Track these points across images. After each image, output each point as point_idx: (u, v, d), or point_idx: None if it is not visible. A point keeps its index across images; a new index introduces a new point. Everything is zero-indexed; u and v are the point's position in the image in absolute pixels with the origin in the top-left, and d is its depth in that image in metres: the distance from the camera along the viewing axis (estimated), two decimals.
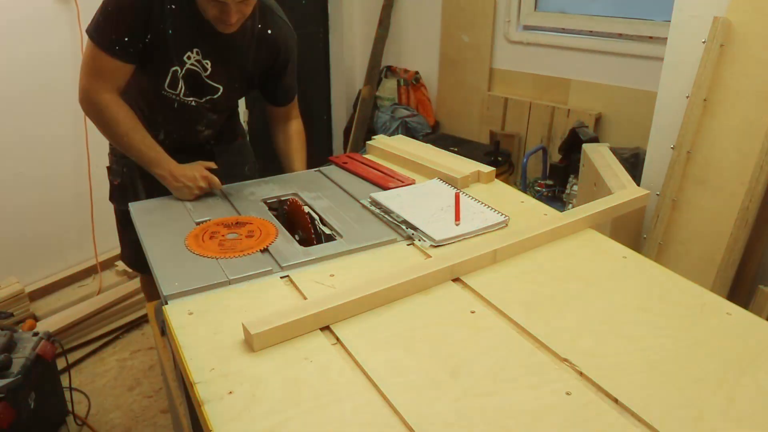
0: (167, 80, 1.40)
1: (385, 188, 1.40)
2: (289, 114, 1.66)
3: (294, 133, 1.66)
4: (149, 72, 1.40)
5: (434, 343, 0.87)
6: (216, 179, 1.39)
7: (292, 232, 1.26)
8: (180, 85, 1.42)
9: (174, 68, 1.39)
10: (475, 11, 3.29)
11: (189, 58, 1.39)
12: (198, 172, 1.38)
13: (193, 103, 1.47)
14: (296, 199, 1.32)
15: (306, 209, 1.28)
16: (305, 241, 1.25)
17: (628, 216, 1.50)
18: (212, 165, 1.43)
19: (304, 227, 1.26)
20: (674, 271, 1.06)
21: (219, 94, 1.47)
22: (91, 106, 1.37)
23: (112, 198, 1.66)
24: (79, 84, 1.36)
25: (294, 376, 0.80)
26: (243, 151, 1.77)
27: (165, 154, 1.40)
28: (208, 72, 1.42)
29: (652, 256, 1.78)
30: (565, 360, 0.83)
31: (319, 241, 1.23)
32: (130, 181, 1.58)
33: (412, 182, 1.43)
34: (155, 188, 1.43)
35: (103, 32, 1.31)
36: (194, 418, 1.09)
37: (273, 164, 1.70)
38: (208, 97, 1.47)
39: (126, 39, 1.30)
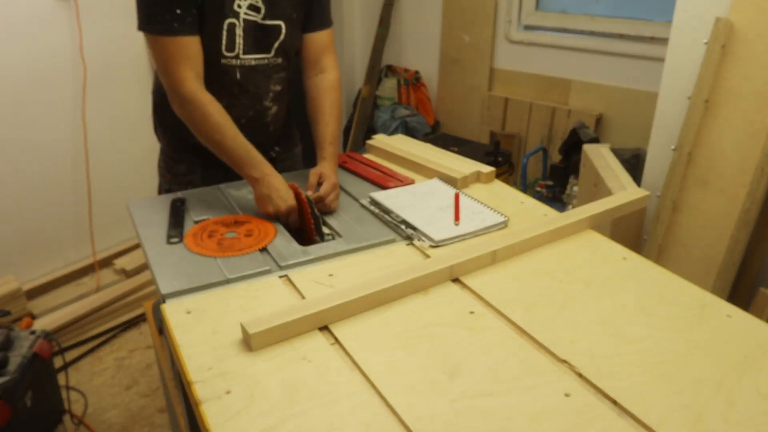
0: (224, 41, 1.31)
1: (384, 188, 1.39)
2: (324, 59, 1.48)
3: (325, 89, 1.47)
4: (204, 38, 1.29)
5: (433, 343, 0.87)
6: (295, 213, 1.26)
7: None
8: (238, 43, 1.32)
9: (229, 20, 1.29)
10: (476, 11, 3.29)
11: (240, 6, 1.29)
12: (290, 193, 1.25)
13: (255, 63, 1.38)
14: (294, 183, 1.29)
15: (304, 194, 1.27)
16: (302, 231, 1.24)
17: (629, 217, 1.50)
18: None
19: (301, 212, 1.25)
20: (674, 272, 1.06)
21: (283, 33, 1.38)
22: (180, 107, 1.28)
23: None
24: (165, 88, 1.29)
25: (292, 375, 0.80)
26: (298, 159, 1.70)
27: (261, 156, 1.29)
28: (263, 12, 1.33)
29: (653, 258, 1.78)
30: (565, 361, 0.83)
31: (317, 225, 1.21)
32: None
33: (412, 182, 1.43)
34: None
35: (153, 17, 1.23)
36: (192, 417, 1.08)
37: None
38: (275, 45, 1.38)
39: (178, 11, 1.22)
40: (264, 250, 1.12)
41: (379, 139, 1.70)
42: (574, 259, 1.11)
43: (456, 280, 1.04)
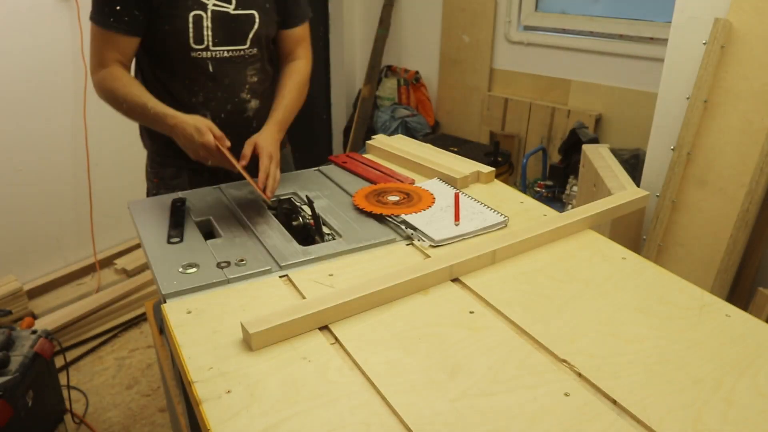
0: (191, 33, 1.32)
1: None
2: (297, 50, 1.51)
3: (288, 74, 1.48)
4: (170, 32, 1.32)
5: (433, 343, 0.87)
6: (220, 134, 1.22)
7: (290, 220, 1.26)
8: (207, 35, 1.33)
9: (194, 13, 1.31)
10: (476, 11, 3.29)
11: None
12: (206, 120, 1.22)
13: (229, 55, 1.38)
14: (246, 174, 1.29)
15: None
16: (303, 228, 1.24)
17: (628, 217, 1.50)
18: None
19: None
20: (674, 272, 1.06)
21: (257, 23, 1.38)
22: (98, 87, 1.33)
23: None
24: (90, 70, 1.35)
25: (292, 375, 0.80)
26: (288, 160, 1.69)
27: (168, 108, 1.26)
28: (234, 2, 1.34)
29: (652, 258, 1.78)
30: (564, 361, 0.83)
31: (318, 225, 1.22)
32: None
33: (412, 182, 1.43)
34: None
35: (96, 7, 1.30)
36: (192, 417, 1.09)
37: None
38: (248, 37, 1.38)
39: (118, 8, 1.27)
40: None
41: (379, 140, 1.71)
42: (574, 259, 1.11)
43: (456, 280, 1.04)
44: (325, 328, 0.91)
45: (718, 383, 0.79)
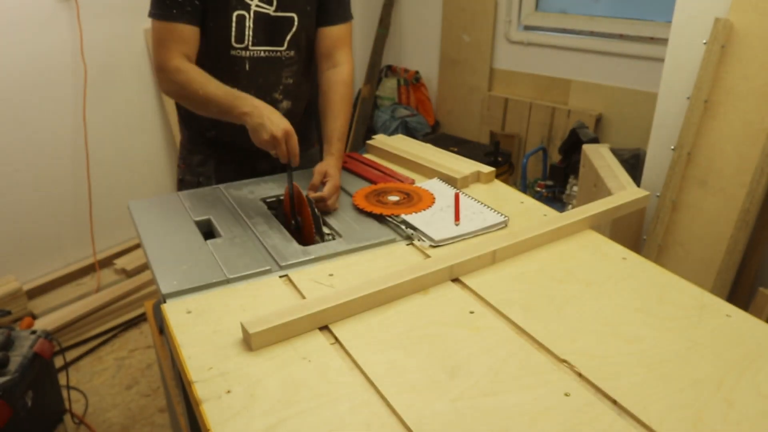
0: (233, 32, 1.34)
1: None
2: (337, 53, 1.49)
3: (336, 82, 1.46)
4: (214, 29, 1.34)
5: (433, 343, 0.87)
6: (295, 145, 1.23)
7: (290, 219, 1.26)
8: (248, 35, 1.36)
9: (238, 12, 1.33)
10: (476, 11, 3.29)
11: None
12: (283, 119, 1.23)
13: (266, 55, 1.40)
14: (295, 183, 1.30)
15: (305, 195, 1.27)
16: (303, 228, 1.24)
17: (628, 217, 1.50)
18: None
19: (301, 211, 1.25)
20: (674, 272, 1.06)
21: (295, 26, 1.40)
22: (165, 81, 1.32)
23: None
24: (155, 71, 1.34)
25: (292, 375, 0.80)
26: (315, 158, 1.66)
27: (247, 94, 1.28)
28: (275, 4, 1.36)
29: (652, 258, 1.78)
30: (564, 361, 0.83)
31: (317, 225, 1.22)
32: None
33: (412, 182, 1.43)
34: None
35: (157, 3, 1.30)
36: (192, 417, 1.08)
37: None
38: (287, 37, 1.39)
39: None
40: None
41: (379, 139, 1.71)
42: (574, 259, 1.11)
43: (456, 280, 1.04)
44: (325, 328, 0.91)
45: (718, 383, 0.79)
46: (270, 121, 1.22)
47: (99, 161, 2.71)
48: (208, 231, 1.24)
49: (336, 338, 0.88)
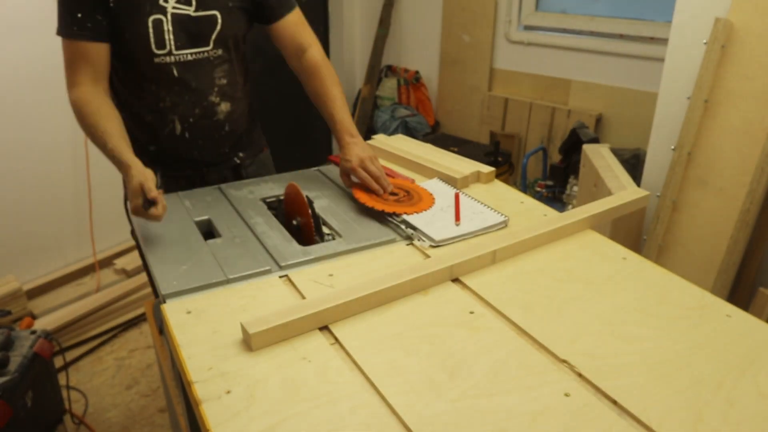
0: (152, 38, 1.29)
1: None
2: (299, 39, 1.44)
3: (315, 65, 1.42)
4: (131, 39, 1.29)
5: (433, 343, 0.87)
6: (157, 201, 1.12)
7: (290, 219, 1.26)
8: (168, 39, 1.30)
9: (154, 17, 1.28)
10: (476, 11, 3.29)
11: (167, 0, 1.28)
12: (138, 180, 1.12)
13: (193, 57, 1.35)
14: (294, 183, 1.30)
15: (304, 194, 1.27)
16: (304, 226, 1.24)
17: (628, 217, 1.50)
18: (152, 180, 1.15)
19: (302, 212, 1.25)
20: (674, 272, 1.06)
21: (219, 24, 1.34)
22: (72, 108, 1.28)
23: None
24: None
25: (292, 375, 0.80)
26: (266, 162, 1.66)
27: (128, 154, 1.19)
28: (194, 4, 1.31)
29: (652, 258, 1.78)
30: (564, 361, 0.83)
31: (317, 225, 1.22)
32: None
33: (412, 181, 1.43)
34: None
35: (61, 20, 1.28)
36: (192, 417, 1.08)
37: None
38: (211, 38, 1.35)
39: (80, 15, 1.25)
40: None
41: (379, 139, 1.71)
42: (574, 259, 1.11)
43: (456, 280, 1.04)
44: (325, 328, 0.90)
45: (718, 383, 0.79)
46: (131, 189, 1.13)
47: (99, 161, 2.69)
48: (208, 231, 1.24)
49: (336, 338, 0.88)
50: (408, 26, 3.65)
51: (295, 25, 1.45)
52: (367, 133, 3.54)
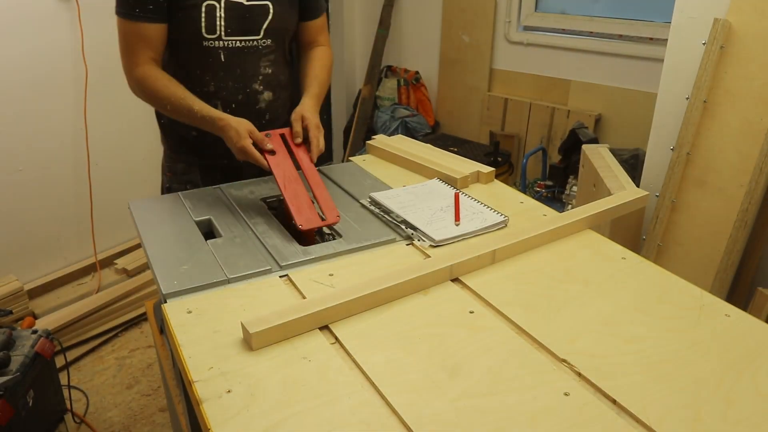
0: (203, 23, 1.33)
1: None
2: (317, 39, 1.55)
3: (316, 56, 1.52)
4: (183, 21, 1.33)
5: (433, 343, 0.87)
6: (255, 158, 1.26)
7: (290, 219, 1.26)
8: (219, 25, 1.35)
9: (208, 3, 1.32)
10: (476, 11, 3.29)
11: None
12: (244, 126, 1.26)
13: (242, 45, 1.39)
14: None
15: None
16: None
17: (628, 217, 1.51)
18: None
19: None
20: (673, 272, 1.06)
21: (271, 14, 1.39)
22: (136, 89, 1.34)
23: None
24: (124, 72, 1.35)
25: (292, 375, 0.80)
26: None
27: (213, 110, 1.31)
28: None
29: (651, 258, 1.78)
30: (564, 360, 0.83)
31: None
32: None
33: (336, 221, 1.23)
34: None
35: (122, 2, 1.30)
36: (192, 416, 1.09)
37: None
38: (262, 28, 1.39)
39: None
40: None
41: (379, 140, 1.71)
42: (574, 259, 1.11)
43: (456, 280, 1.04)
44: (325, 328, 0.91)
45: (717, 383, 0.79)
46: (236, 131, 1.26)
47: (100, 161, 2.71)
48: (208, 231, 1.24)
49: (336, 338, 0.89)
50: (408, 26, 3.65)
51: (319, 28, 1.55)
52: (367, 133, 3.54)
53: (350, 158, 1.68)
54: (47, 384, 1.85)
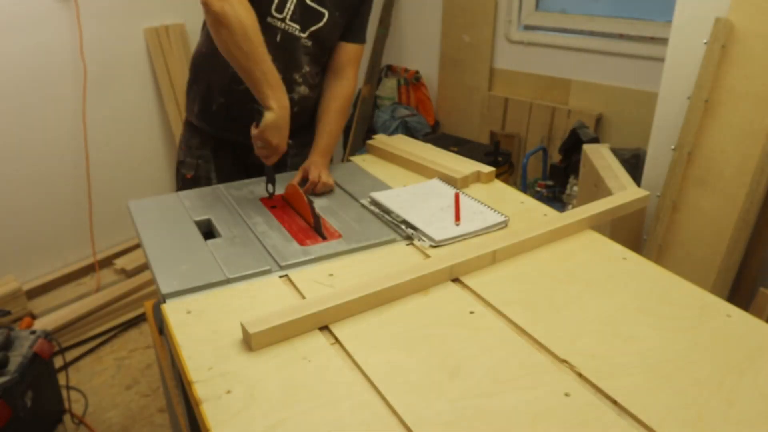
0: (276, 1, 1.38)
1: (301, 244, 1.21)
2: (347, 68, 1.57)
3: (336, 96, 1.55)
4: None
5: (433, 343, 0.87)
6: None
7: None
8: (288, 7, 1.40)
9: None
10: (476, 11, 3.29)
11: None
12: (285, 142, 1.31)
13: (296, 33, 1.44)
14: (294, 183, 1.31)
15: (307, 197, 1.27)
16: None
17: (629, 217, 1.50)
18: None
19: (302, 212, 1.25)
20: (674, 272, 1.06)
21: (324, 20, 1.45)
22: (215, 16, 1.24)
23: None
24: (204, 8, 1.28)
25: (292, 375, 0.80)
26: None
27: (283, 85, 1.30)
28: None
29: (652, 258, 1.78)
30: (565, 361, 0.83)
31: (317, 224, 1.21)
32: (205, 173, 1.58)
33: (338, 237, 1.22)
34: (228, 176, 1.49)
35: None
36: (192, 417, 1.08)
37: None
38: (312, 28, 1.45)
39: None
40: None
41: (379, 139, 1.71)
42: (574, 259, 1.11)
43: (456, 280, 1.04)
44: (325, 328, 0.90)
45: (718, 383, 0.79)
46: (281, 134, 1.29)
47: (99, 161, 2.70)
48: (208, 231, 1.24)
49: (336, 338, 0.88)
50: (408, 26, 3.65)
51: (353, 55, 1.57)
52: (367, 133, 3.53)
53: (350, 158, 1.68)
54: (46, 385, 1.85)
